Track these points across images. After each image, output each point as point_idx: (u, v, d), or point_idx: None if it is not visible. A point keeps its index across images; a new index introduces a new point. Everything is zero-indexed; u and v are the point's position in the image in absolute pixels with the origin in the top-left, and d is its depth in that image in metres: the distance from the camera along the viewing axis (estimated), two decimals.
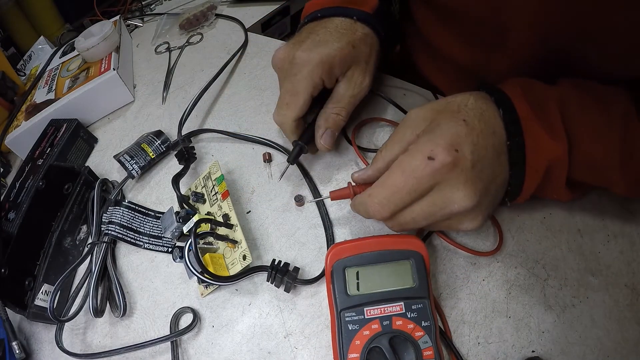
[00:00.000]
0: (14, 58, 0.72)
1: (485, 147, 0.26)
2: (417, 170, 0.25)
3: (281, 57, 0.35)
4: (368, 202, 0.28)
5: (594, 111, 0.27)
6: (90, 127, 0.54)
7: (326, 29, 0.35)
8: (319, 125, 0.35)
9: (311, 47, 0.33)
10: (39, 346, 0.35)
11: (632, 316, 0.28)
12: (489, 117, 0.27)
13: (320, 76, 0.33)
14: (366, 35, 0.36)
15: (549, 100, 0.28)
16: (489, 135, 0.26)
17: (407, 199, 0.26)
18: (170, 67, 0.59)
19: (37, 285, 0.35)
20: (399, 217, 0.28)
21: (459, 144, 0.25)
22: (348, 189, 0.32)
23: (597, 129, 0.27)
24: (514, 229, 0.33)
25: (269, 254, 0.35)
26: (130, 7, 0.79)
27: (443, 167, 0.25)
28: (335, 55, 0.33)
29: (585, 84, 0.29)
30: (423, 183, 0.26)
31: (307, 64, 0.33)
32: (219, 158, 0.43)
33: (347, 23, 0.36)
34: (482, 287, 0.30)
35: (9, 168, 0.54)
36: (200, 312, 0.33)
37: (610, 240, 0.32)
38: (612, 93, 0.28)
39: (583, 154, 0.27)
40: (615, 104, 0.27)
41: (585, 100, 0.28)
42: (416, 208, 0.27)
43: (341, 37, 0.34)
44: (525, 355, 0.28)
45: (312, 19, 0.38)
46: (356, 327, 0.26)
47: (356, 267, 0.28)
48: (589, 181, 0.29)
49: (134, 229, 0.38)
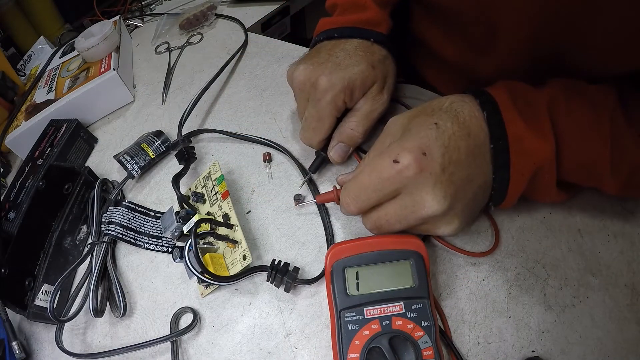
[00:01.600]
0: (14, 58, 0.72)
1: (457, 149, 0.26)
2: (383, 172, 0.26)
3: (302, 80, 0.35)
4: (342, 195, 0.29)
5: (583, 112, 0.27)
6: (90, 127, 0.54)
7: (345, 51, 0.35)
8: (333, 138, 0.36)
9: (332, 71, 0.33)
10: (39, 346, 0.35)
11: (632, 316, 0.28)
12: (465, 119, 0.27)
13: (344, 100, 0.34)
14: (384, 57, 0.36)
15: (537, 102, 0.28)
16: (463, 137, 0.26)
17: (373, 197, 0.27)
18: (170, 67, 0.59)
19: (37, 285, 0.35)
20: (372, 216, 0.29)
21: (428, 147, 0.25)
22: (332, 192, 0.33)
23: (585, 130, 0.27)
24: (514, 229, 0.33)
25: (269, 254, 0.35)
26: (130, 7, 0.79)
27: (407, 170, 0.25)
28: (357, 79, 0.33)
29: (573, 84, 0.29)
30: (387, 184, 0.26)
31: (331, 89, 0.33)
32: (219, 158, 0.43)
33: (365, 45, 0.36)
34: (482, 287, 0.30)
35: (9, 168, 0.54)
36: (200, 312, 0.33)
37: (610, 240, 0.32)
38: (600, 92, 0.28)
39: (572, 155, 0.27)
40: (603, 104, 0.27)
41: (573, 101, 0.28)
42: (388, 209, 0.27)
43: (360, 59, 0.34)
44: (525, 355, 0.28)
45: (328, 38, 0.38)
46: (356, 327, 0.26)
47: (356, 267, 0.28)
48: (579, 182, 0.29)
49: (134, 229, 0.38)
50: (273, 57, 0.54)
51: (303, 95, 0.36)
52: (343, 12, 0.40)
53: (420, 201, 0.25)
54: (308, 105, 0.36)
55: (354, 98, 0.35)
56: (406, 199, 0.26)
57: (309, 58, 0.36)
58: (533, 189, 0.29)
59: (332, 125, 0.36)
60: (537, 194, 0.29)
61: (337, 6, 0.41)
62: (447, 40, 0.42)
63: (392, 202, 0.27)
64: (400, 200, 0.27)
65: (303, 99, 0.36)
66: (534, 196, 0.30)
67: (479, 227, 0.33)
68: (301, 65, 0.35)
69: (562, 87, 0.29)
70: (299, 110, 0.38)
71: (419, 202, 0.26)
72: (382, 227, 0.28)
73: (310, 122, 0.36)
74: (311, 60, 0.35)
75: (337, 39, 0.37)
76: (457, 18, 0.39)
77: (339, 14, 0.41)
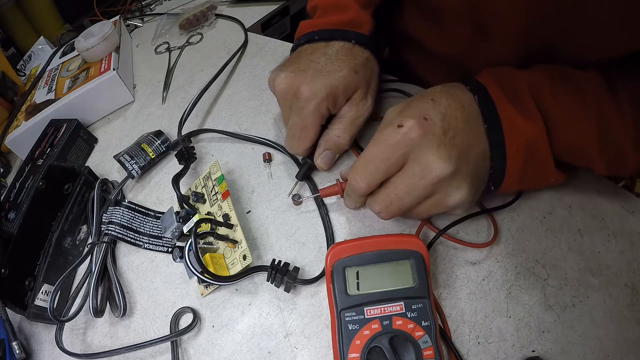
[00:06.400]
0: (14, 58, 0.72)
1: (455, 118, 0.27)
2: (389, 139, 0.27)
3: (284, 89, 0.35)
4: (351, 174, 0.29)
5: (568, 94, 0.29)
6: (90, 127, 0.54)
7: (326, 56, 0.35)
8: (319, 145, 0.36)
9: (314, 78, 0.33)
10: (39, 346, 0.35)
11: (632, 316, 0.29)
12: (457, 95, 0.29)
13: (327, 107, 0.34)
14: (367, 60, 0.36)
15: (519, 84, 0.29)
16: (458, 109, 0.28)
17: (381, 167, 0.27)
18: (170, 67, 0.59)
19: (37, 285, 0.35)
20: (380, 195, 0.29)
21: (428, 114, 0.27)
22: (337, 185, 0.33)
23: (572, 111, 0.28)
24: (514, 229, 0.33)
25: (269, 254, 0.35)
26: (130, 7, 0.79)
27: (411, 131, 0.26)
28: (339, 86, 0.33)
29: (558, 69, 0.30)
30: (395, 150, 0.27)
31: (314, 97, 0.33)
32: (219, 158, 0.43)
33: (347, 48, 0.35)
34: (482, 287, 0.30)
35: (9, 168, 0.55)
36: (200, 312, 0.33)
37: (610, 240, 0.32)
38: (585, 76, 0.29)
39: (561, 135, 0.28)
40: (588, 87, 0.29)
41: (558, 84, 0.29)
42: (397, 181, 0.28)
43: (342, 64, 0.34)
44: (526, 355, 0.28)
45: (309, 41, 0.38)
46: (356, 327, 0.26)
47: (356, 267, 0.28)
48: (572, 162, 0.30)
49: (134, 229, 0.38)
50: (273, 57, 0.54)
51: (286, 103, 0.36)
52: (323, 14, 0.40)
53: (428, 164, 0.26)
54: (291, 114, 0.35)
55: (338, 105, 0.34)
56: (413, 165, 0.27)
57: (290, 64, 0.36)
58: (533, 170, 0.29)
59: (317, 133, 0.35)
60: (538, 175, 0.30)
61: (318, 8, 0.41)
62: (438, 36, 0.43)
63: (400, 173, 0.27)
64: (408, 169, 0.27)
65: (286, 107, 0.36)
66: (534, 180, 0.31)
67: (479, 227, 0.33)
68: (282, 73, 0.35)
69: (545, 70, 0.30)
70: (283, 118, 0.38)
71: (426, 165, 0.26)
72: (392, 204, 0.28)
73: (294, 131, 0.35)
74: (292, 67, 0.35)
75: (318, 42, 0.37)
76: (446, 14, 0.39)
77: (320, 16, 0.40)
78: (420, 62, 0.50)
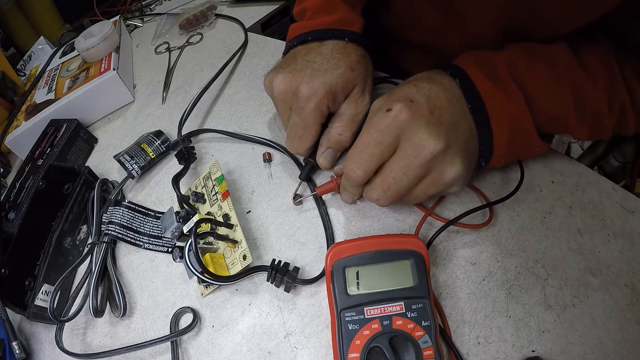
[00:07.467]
0: (14, 58, 0.72)
1: (438, 99, 0.29)
2: (379, 124, 0.28)
3: (283, 89, 0.35)
4: (346, 164, 0.29)
5: (542, 69, 0.31)
6: (90, 127, 0.54)
7: (322, 55, 0.35)
8: (321, 144, 0.36)
9: (312, 77, 0.33)
10: (39, 346, 0.35)
11: (632, 316, 0.29)
12: (437, 79, 0.30)
13: (327, 105, 0.34)
14: (361, 57, 0.36)
15: (496, 63, 0.31)
16: (440, 91, 0.29)
17: (376, 152, 0.28)
18: (170, 67, 0.59)
19: (37, 285, 0.35)
20: (377, 180, 0.29)
21: (413, 97, 0.28)
22: (332, 182, 0.33)
23: (548, 84, 0.30)
24: (514, 229, 0.33)
25: (269, 254, 0.35)
26: (130, 7, 0.79)
27: (400, 114, 0.27)
28: (338, 83, 0.33)
29: (529, 46, 0.32)
30: (387, 133, 0.28)
31: (313, 96, 0.33)
32: (219, 158, 0.43)
33: (341, 46, 0.36)
34: (482, 287, 0.30)
35: (9, 168, 0.55)
36: (200, 312, 0.33)
37: (610, 240, 0.32)
38: (555, 50, 0.32)
39: (541, 108, 0.30)
40: (559, 59, 0.31)
41: (532, 60, 0.31)
42: (392, 164, 0.28)
43: (339, 62, 0.34)
44: (525, 355, 0.28)
45: (302, 42, 0.38)
46: (356, 327, 0.26)
47: (356, 267, 0.28)
48: (553, 131, 0.33)
49: (134, 229, 0.38)
50: (273, 57, 0.54)
51: (285, 104, 0.36)
52: (313, 16, 0.40)
53: (419, 142, 0.27)
54: (292, 114, 0.35)
55: (337, 102, 0.35)
56: (406, 146, 0.27)
57: (286, 65, 0.36)
58: (518, 142, 0.31)
59: (318, 131, 0.36)
60: (523, 147, 0.32)
61: (307, 10, 0.41)
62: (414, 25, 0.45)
63: (394, 156, 0.28)
64: (401, 151, 0.28)
65: (286, 108, 0.36)
66: (522, 151, 0.32)
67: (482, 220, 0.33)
68: (280, 74, 0.35)
69: (518, 48, 0.32)
70: (282, 120, 0.38)
71: (418, 144, 0.27)
72: (389, 187, 0.28)
73: (295, 131, 0.35)
74: (289, 68, 0.35)
75: (311, 42, 0.37)
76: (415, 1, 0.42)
77: (310, 17, 0.40)
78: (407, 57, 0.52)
